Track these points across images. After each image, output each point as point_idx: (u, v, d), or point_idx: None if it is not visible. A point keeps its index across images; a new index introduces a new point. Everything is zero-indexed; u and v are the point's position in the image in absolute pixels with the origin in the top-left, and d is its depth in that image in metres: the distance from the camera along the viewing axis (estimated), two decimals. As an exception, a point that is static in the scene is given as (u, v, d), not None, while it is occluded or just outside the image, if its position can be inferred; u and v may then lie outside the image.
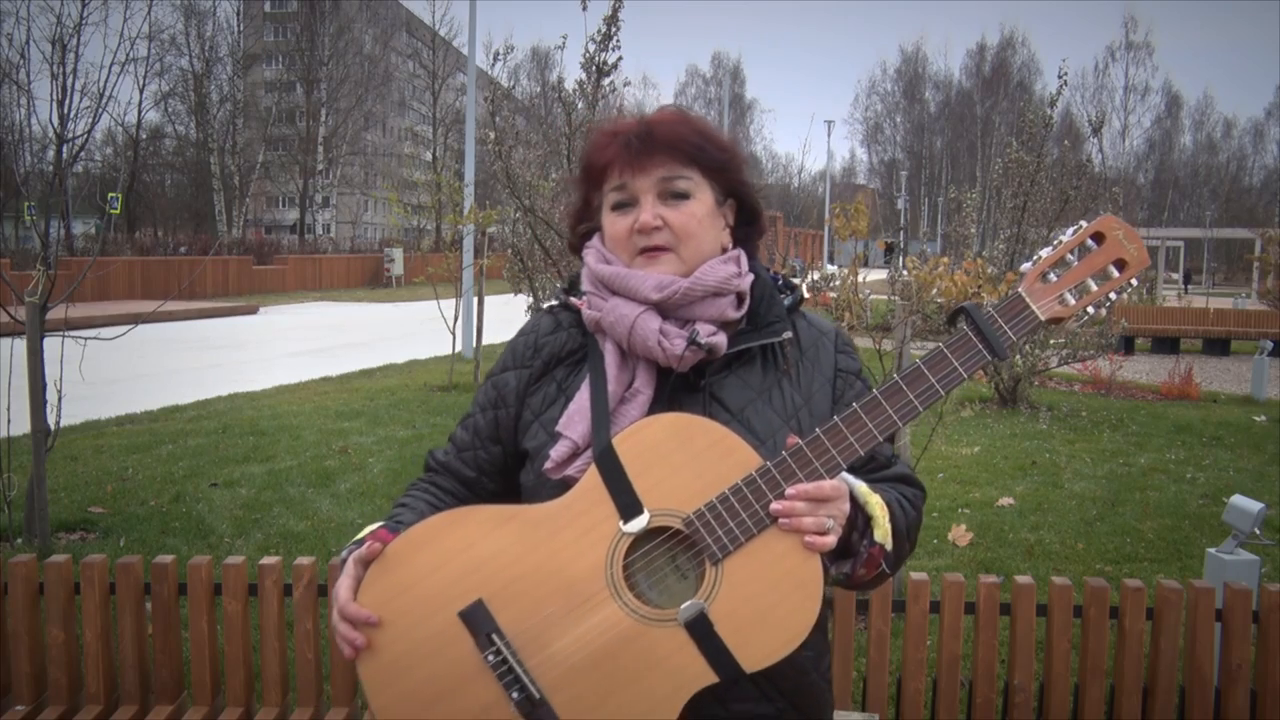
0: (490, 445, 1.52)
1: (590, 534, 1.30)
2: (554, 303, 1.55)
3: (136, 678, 2.80)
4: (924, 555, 5.39)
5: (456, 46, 54.93)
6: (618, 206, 1.44)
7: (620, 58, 7.70)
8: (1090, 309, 1.33)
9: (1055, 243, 1.34)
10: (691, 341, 1.38)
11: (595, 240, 1.50)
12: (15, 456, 5.82)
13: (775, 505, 1.26)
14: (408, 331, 18.15)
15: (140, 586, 2.82)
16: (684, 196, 1.43)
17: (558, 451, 1.38)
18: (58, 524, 5.64)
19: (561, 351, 1.49)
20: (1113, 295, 1.33)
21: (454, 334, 12.20)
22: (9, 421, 5.48)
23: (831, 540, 1.27)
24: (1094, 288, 1.33)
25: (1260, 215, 51.31)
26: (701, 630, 1.26)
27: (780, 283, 1.54)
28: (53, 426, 5.43)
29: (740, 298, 1.45)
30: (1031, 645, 2.84)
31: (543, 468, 1.39)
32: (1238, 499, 3.52)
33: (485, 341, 12.37)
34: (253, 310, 23.56)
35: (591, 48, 7.60)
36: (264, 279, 29.66)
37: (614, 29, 7.56)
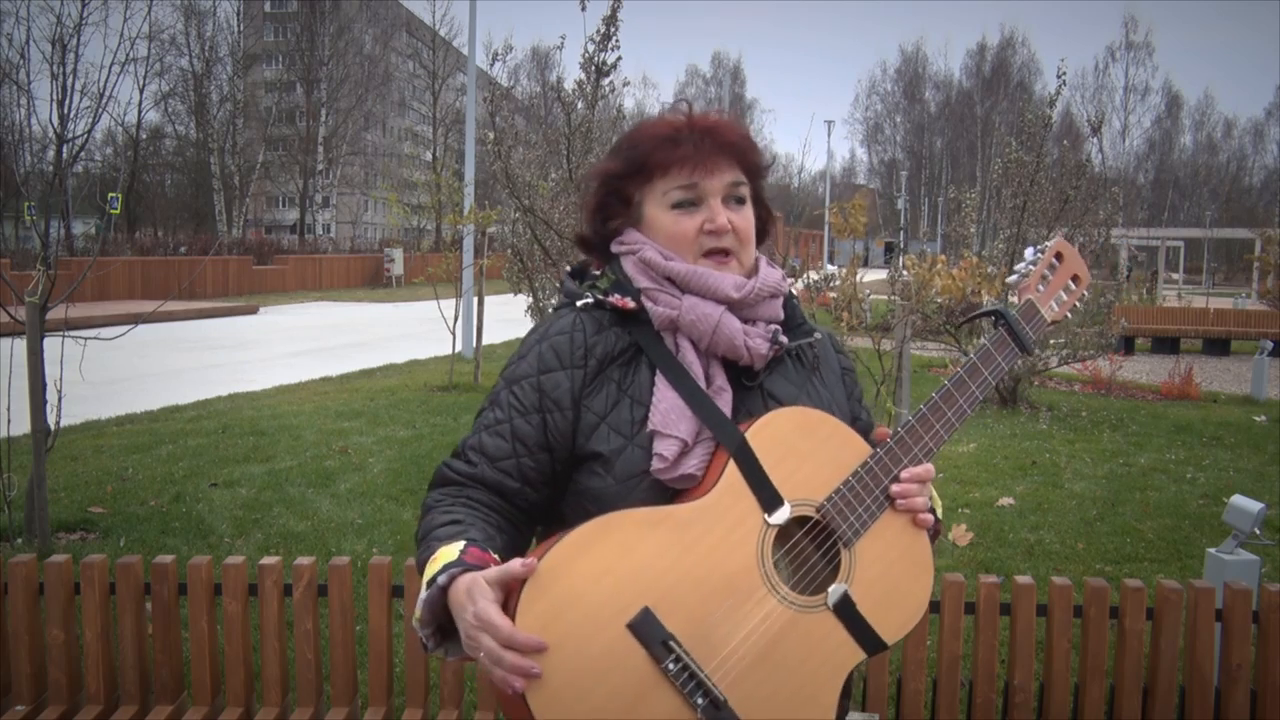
0: (538, 452, 1.42)
1: (739, 529, 1.31)
2: (587, 301, 1.47)
3: (136, 678, 2.80)
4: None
5: (456, 46, 54.92)
6: (680, 205, 1.44)
7: (620, 58, 7.71)
8: (1068, 314, 1.60)
9: (1031, 260, 1.58)
10: (774, 340, 1.44)
11: (640, 236, 1.47)
12: (15, 456, 5.82)
13: (895, 487, 1.38)
14: (408, 331, 18.15)
15: (140, 586, 2.82)
16: (743, 201, 1.48)
17: (669, 450, 1.34)
18: (58, 524, 5.64)
19: (613, 351, 1.44)
20: (1077, 304, 1.61)
21: (454, 334, 12.20)
22: (9, 421, 5.48)
23: (932, 518, 1.40)
24: (1065, 297, 1.60)
25: (1260, 215, 51.25)
26: (847, 611, 1.33)
27: None
28: (53, 426, 5.43)
29: (784, 299, 1.52)
30: (1031, 645, 2.85)
31: (638, 469, 1.36)
32: (1238, 499, 3.52)
33: (485, 341, 12.36)
34: (253, 310, 23.55)
35: (591, 48, 7.61)
36: (264, 279, 29.65)
37: (613, 29, 7.57)
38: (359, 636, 3.19)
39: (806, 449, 1.36)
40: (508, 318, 13.51)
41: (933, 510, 1.47)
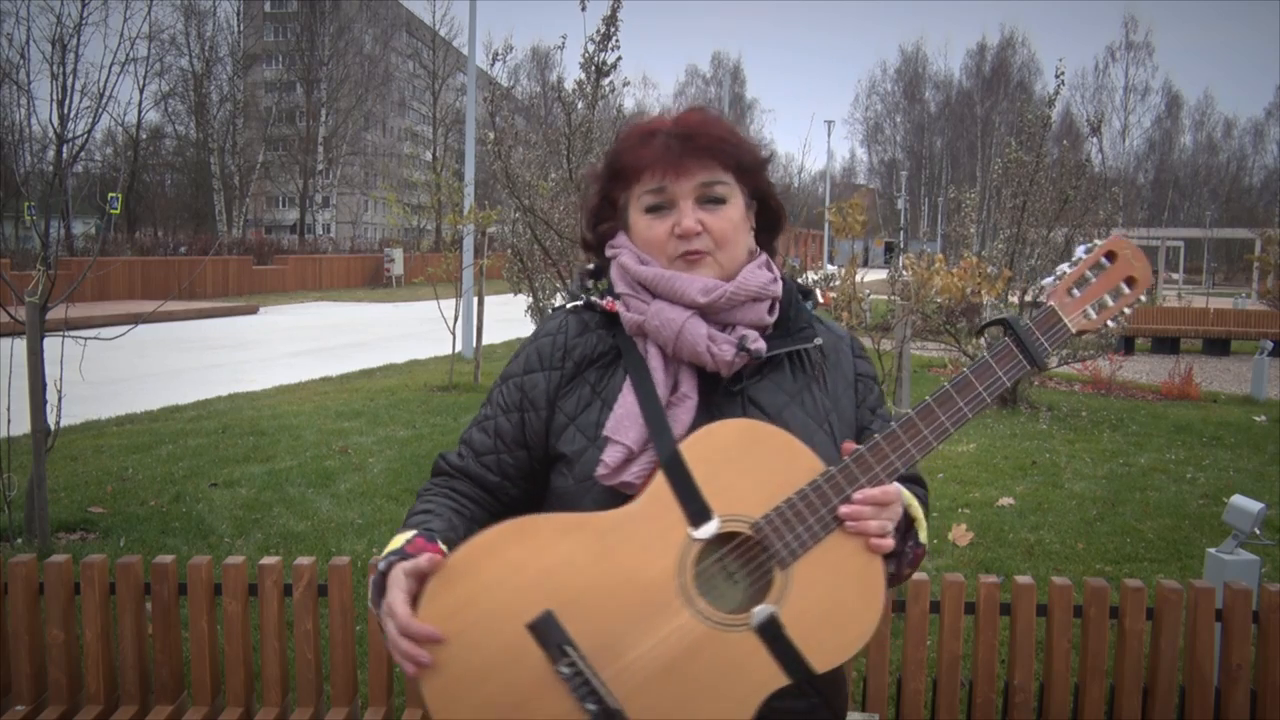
0: (516, 449, 1.47)
1: (660, 541, 1.28)
2: (578, 303, 1.50)
3: (136, 678, 2.80)
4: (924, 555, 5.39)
5: (456, 46, 54.94)
6: (653, 209, 1.42)
7: (619, 58, 7.71)
8: (1110, 322, 1.41)
9: (1074, 260, 1.42)
10: (741, 347, 1.38)
11: (623, 240, 1.47)
12: (15, 456, 5.81)
13: (844, 509, 1.29)
14: (408, 331, 18.15)
15: (140, 586, 2.82)
16: (721, 201, 1.42)
17: (612, 456, 1.35)
18: (58, 524, 5.64)
19: (592, 354, 1.45)
20: (1126, 310, 1.42)
21: (454, 334, 12.20)
22: (9, 421, 5.48)
23: (891, 543, 1.31)
24: (1110, 303, 1.41)
25: (1260, 215, 51.25)
26: (773, 634, 1.27)
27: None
28: (53, 426, 5.43)
29: (774, 303, 1.46)
30: (1031, 645, 2.84)
31: (592, 473, 1.36)
32: (1238, 499, 3.52)
33: (485, 341, 12.37)
34: (253, 310, 23.56)
35: (591, 48, 7.61)
36: (264, 279, 29.66)
37: (613, 29, 7.57)
38: (359, 636, 3.20)
39: (749, 463, 1.30)
40: (508, 318, 13.51)
41: (914, 531, 1.41)
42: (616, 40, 7.62)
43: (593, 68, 7.61)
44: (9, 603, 2.79)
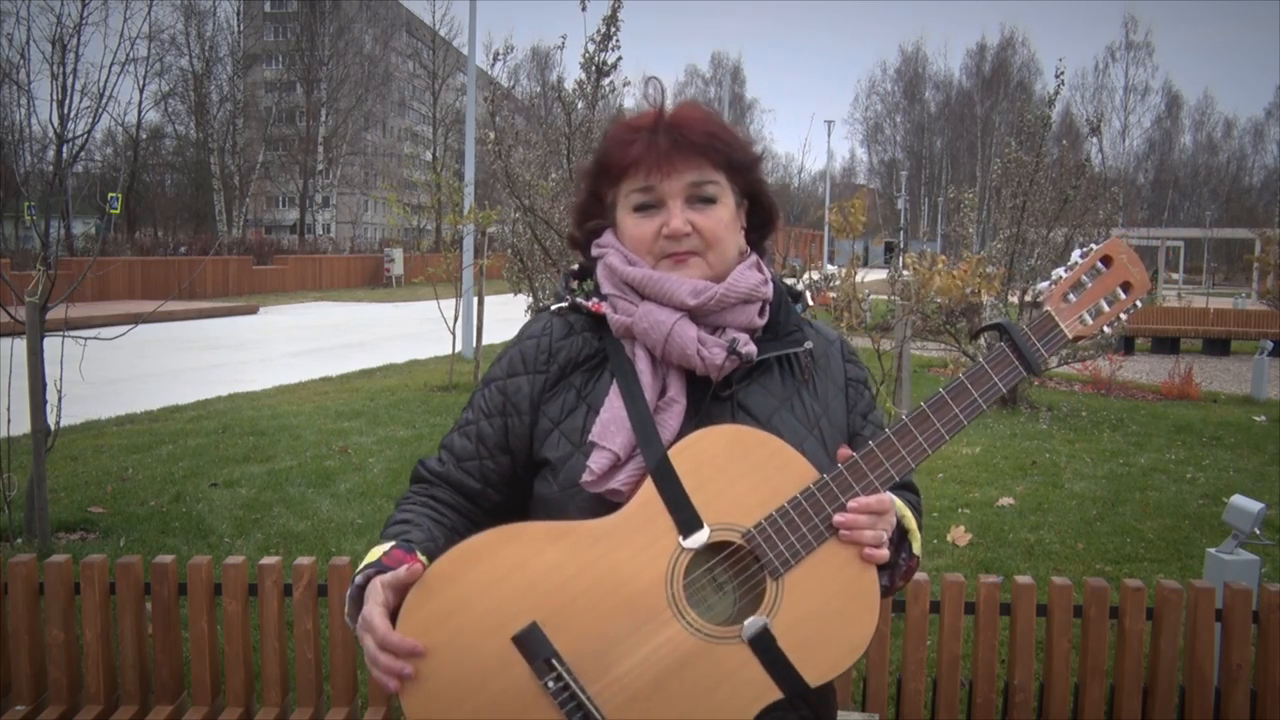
0: (499, 455, 1.43)
1: (649, 550, 1.24)
2: (562, 304, 1.45)
3: (136, 678, 2.80)
4: (924, 555, 5.38)
5: (456, 46, 54.94)
6: (641, 208, 1.38)
7: (620, 58, 7.71)
8: (1106, 328, 1.40)
9: (1070, 265, 1.40)
10: (731, 350, 1.33)
11: (611, 239, 1.42)
12: (15, 456, 5.81)
13: (839, 518, 1.26)
14: (408, 331, 18.15)
15: (140, 586, 2.82)
16: (711, 201, 1.38)
17: (598, 463, 1.31)
18: (58, 524, 5.64)
19: (578, 357, 1.41)
20: (1122, 316, 1.40)
21: (454, 334, 12.20)
22: (9, 421, 5.48)
23: (886, 553, 1.28)
24: (1106, 308, 1.39)
25: (1260, 215, 51.24)
26: (765, 646, 1.24)
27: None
28: (53, 426, 5.43)
29: (764, 305, 1.42)
30: (1031, 645, 2.84)
31: (578, 479, 1.32)
32: (1238, 499, 3.52)
33: (485, 341, 12.36)
34: (253, 310, 23.55)
35: (591, 48, 7.61)
36: (264, 279, 29.65)
37: (613, 29, 7.57)
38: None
39: (739, 471, 1.26)
40: (508, 318, 13.48)
41: (907, 542, 1.38)
42: (616, 40, 7.62)
43: (593, 68, 7.62)
44: (9, 603, 2.79)
